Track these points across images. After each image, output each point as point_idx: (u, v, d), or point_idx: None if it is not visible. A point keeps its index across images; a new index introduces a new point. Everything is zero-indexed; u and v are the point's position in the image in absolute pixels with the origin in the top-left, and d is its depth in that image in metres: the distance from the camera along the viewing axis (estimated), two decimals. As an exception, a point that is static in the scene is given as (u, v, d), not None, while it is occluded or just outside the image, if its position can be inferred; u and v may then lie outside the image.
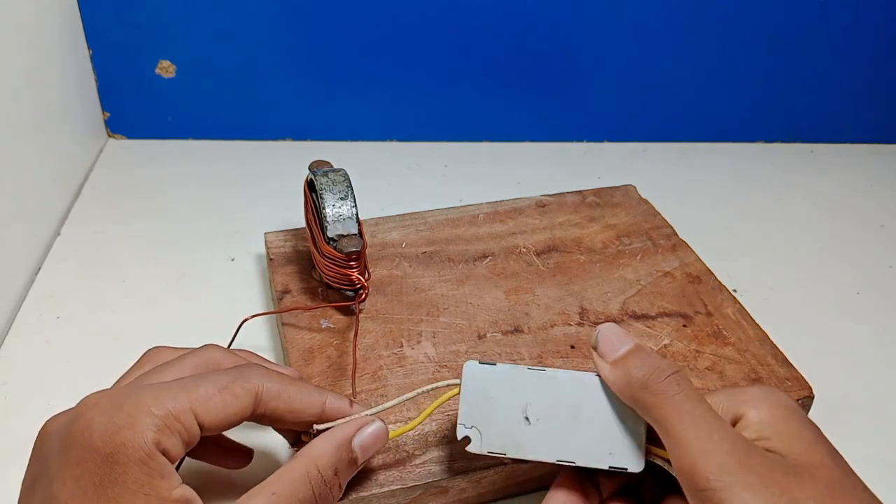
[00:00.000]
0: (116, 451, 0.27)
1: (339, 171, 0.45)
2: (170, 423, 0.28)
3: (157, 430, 0.28)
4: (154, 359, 0.34)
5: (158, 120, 0.65)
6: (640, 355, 0.31)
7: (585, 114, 0.68)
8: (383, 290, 0.47)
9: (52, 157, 0.56)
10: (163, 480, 0.27)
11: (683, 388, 0.30)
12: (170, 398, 0.29)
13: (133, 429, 0.27)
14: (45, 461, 0.28)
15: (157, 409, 0.28)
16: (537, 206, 0.55)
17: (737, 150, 0.70)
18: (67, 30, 0.59)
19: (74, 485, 0.27)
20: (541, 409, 0.32)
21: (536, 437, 0.32)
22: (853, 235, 0.60)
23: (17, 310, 0.48)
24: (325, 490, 0.30)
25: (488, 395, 0.32)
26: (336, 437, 0.32)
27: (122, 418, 0.27)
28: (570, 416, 0.32)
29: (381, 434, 0.33)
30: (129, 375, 0.33)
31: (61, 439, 0.28)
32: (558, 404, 0.32)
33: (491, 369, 0.32)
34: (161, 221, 0.57)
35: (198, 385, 0.30)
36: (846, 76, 0.67)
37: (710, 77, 0.66)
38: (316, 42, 0.63)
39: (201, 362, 0.33)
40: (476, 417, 0.32)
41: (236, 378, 0.31)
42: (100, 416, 0.28)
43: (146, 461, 0.27)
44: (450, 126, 0.68)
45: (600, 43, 0.64)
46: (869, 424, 0.44)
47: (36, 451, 0.30)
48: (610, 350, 0.32)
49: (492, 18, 0.62)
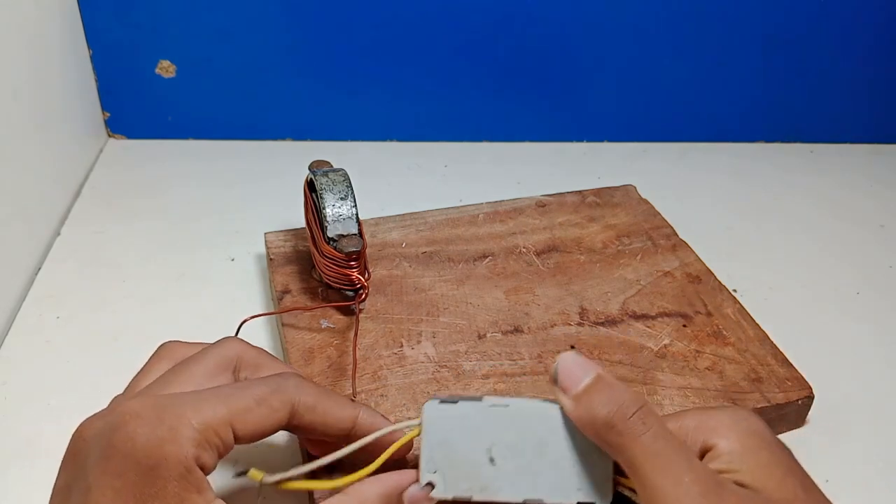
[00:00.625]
0: (158, 465, 0.27)
1: (339, 171, 0.45)
2: (209, 436, 0.28)
3: (197, 445, 0.28)
4: (169, 355, 0.33)
5: (158, 120, 0.65)
6: (602, 389, 0.30)
7: (585, 114, 0.68)
8: (383, 290, 0.47)
9: (52, 157, 0.56)
10: (199, 495, 0.28)
11: (650, 425, 0.29)
12: (210, 410, 0.29)
13: (175, 442, 0.27)
14: (82, 468, 0.28)
15: (197, 422, 0.28)
16: (537, 206, 0.55)
17: (737, 150, 0.70)
18: (67, 30, 0.59)
19: (114, 495, 0.27)
20: (505, 447, 0.31)
21: (502, 477, 0.31)
22: (853, 235, 0.60)
23: (17, 310, 0.48)
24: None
25: (451, 436, 0.31)
26: (388, 483, 0.31)
27: (165, 431, 0.28)
28: (535, 453, 0.31)
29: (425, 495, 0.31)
30: (146, 373, 0.33)
31: (101, 448, 0.28)
32: (523, 441, 0.31)
33: (452, 409, 0.31)
34: (161, 221, 0.57)
35: (236, 396, 0.30)
36: (846, 76, 0.67)
37: (710, 77, 0.66)
38: (316, 42, 0.63)
39: (224, 359, 0.33)
40: (439, 460, 0.31)
41: (275, 390, 0.31)
42: (143, 428, 0.28)
43: (185, 475, 0.27)
44: (450, 126, 0.68)
45: (600, 43, 0.64)
46: (869, 424, 0.44)
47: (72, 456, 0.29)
48: (571, 383, 0.30)
49: (492, 18, 0.62)
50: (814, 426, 0.43)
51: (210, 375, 0.32)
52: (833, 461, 0.41)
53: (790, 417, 0.42)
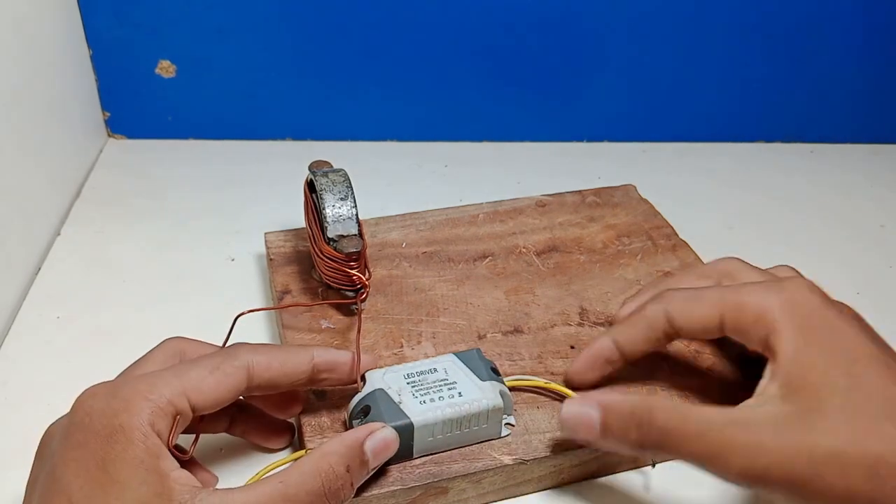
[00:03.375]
0: (115, 432, 0.28)
1: (339, 171, 0.45)
2: (163, 405, 0.29)
3: (152, 413, 0.29)
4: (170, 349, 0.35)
5: (158, 120, 0.65)
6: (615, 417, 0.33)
7: (585, 114, 0.68)
8: (383, 290, 0.47)
9: (52, 156, 0.56)
10: (158, 460, 0.28)
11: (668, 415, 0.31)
12: (162, 383, 0.30)
13: (129, 411, 0.29)
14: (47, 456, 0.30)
15: (151, 394, 0.29)
16: (537, 206, 0.55)
17: (737, 150, 0.70)
18: (67, 30, 0.59)
19: (76, 465, 0.28)
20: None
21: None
22: (853, 235, 0.60)
23: (17, 310, 0.48)
24: (335, 485, 0.31)
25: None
26: (348, 438, 0.33)
27: (119, 403, 0.29)
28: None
29: (391, 439, 0.34)
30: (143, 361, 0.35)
31: (62, 431, 0.29)
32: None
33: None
34: (161, 221, 0.57)
35: (188, 368, 0.31)
36: (846, 76, 0.67)
37: (710, 77, 0.66)
38: (316, 42, 0.63)
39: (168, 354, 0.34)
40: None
41: (226, 358, 0.33)
42: (98, 402, 0.29)
43: (143, 440, 0.28)
44: (450, 126, 0.68)
45: (600, 43, 0.64)
46: (869, 424, 0.43)
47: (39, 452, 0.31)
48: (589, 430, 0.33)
49: (492, 18, 0.62)
50: (814, 426, 0.43)
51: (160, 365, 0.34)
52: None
53: (790, 417, 0.42)
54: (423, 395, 0.36)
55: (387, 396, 0.36)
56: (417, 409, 0.36)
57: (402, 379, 0.37)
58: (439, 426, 0.36)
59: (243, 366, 0.32)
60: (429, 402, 0.36)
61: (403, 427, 0.35)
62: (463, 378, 0.37)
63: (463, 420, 0.36)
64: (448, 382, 0.37)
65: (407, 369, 0.38)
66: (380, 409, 0.36)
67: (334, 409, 0.39)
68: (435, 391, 0.37)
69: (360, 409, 0.36)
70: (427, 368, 0.38)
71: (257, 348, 0.34)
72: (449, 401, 0.36)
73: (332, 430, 0.38)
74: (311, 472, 0.30)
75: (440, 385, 0.37)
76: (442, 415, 0.36)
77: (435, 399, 0.36)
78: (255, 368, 0.33)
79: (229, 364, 0.32)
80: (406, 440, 0.36)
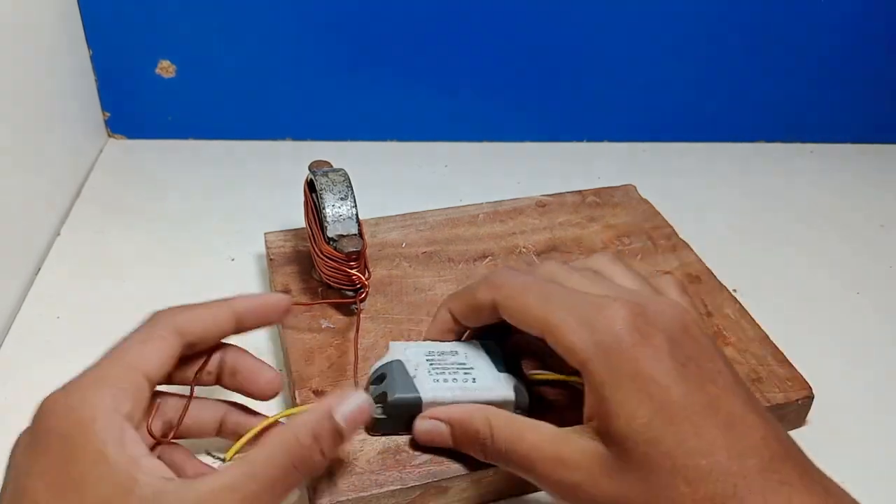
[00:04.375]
0: (73, 430, 0.28)
1: (339, 171, 0.45)
2: (118, 384, 0.30)
3: (112, 397, 0.29)
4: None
5: (158, 120, 0.65)
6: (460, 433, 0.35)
7: (585, 114, 0.68)
8: (383, 290, 0.47)
9: (52, 157, 0.56)
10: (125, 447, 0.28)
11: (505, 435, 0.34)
12: (108, 368, 0.31)
13: (84, 403, 0.29)
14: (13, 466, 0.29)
15: (100, 381, 0.30)
16: (537, 206, 0.55)
17: (737, 150, 0.70)
18: (67, 30, 0.59)
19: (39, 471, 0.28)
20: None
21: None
22: (853, 235, 0.60)
23: (17, 310, 0.48)
24: (303, 453, 0.30)
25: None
26: (315, 406, 0.32)
27: (75, 400, 0.29)
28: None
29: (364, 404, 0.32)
30: None
31: (26, 439, 0.29)
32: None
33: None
34: (161, 221, 0.57)
35: (124, 348, 0.32)
36: (846, 76, 0.67)
37: (710, 77, 0.66)
38: (316, 42, 0.63)
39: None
40: None
41: (151, 325, 0.33)
42: (55, 405, 0.29)
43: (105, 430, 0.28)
44: (450, 126, 0.68)
45: (600, 43, 0.64)
46: (869, 424, 0.44)
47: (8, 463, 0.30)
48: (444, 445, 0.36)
49: (492, 18, 0.62)
50: (814, 426, 0.43)
51: None
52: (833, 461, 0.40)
53: (790, 417, 0.42)
54: (439, 374, 0.37)
55: (403, 368, 0.37)
56: (429, 385, 0.36)
57: (423, 355, 0.38)
58: None
59: (169, 325, 0.33)
60: (442, 382, 0.36)
61: (412, 400, 0.36)
62: (481, 366, 0.38)
63: None
64: (465, 367, 0.37)
65: (429, 347, 0.39)
66: (394, 377, 0.36)
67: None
68: (451, 373, 0.37)
69: (377, 377, 0.37)
70: (449, 350, 0.38)
71: (176, 308, 0.34)
72: (462, 384, 0.36)
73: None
74: (276, 445, 0.30)
75: (457, 368, 0.37)
76: (451, 396, 0.36)
77: (448, 380, 0.37)
78: (183, 326, 0.33)
79: (156, 330, 0.33)
80: (412, 414, 0.36)
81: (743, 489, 0.27)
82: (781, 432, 0.29)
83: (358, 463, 0.36)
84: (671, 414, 0.29)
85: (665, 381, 0.29)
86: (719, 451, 0.28)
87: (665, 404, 0.29)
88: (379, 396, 0.36)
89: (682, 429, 0.28)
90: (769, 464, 0.28)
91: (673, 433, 0.28)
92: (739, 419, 0.29)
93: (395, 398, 0.36)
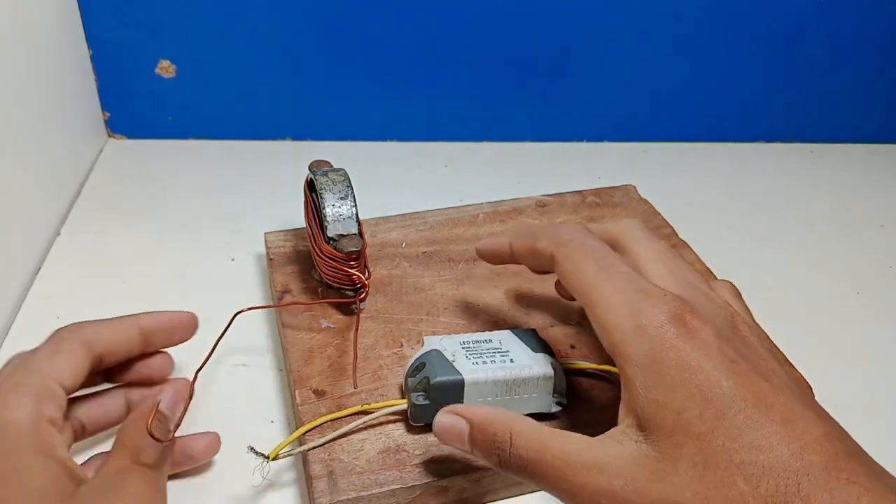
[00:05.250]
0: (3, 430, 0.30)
1: (339, 171, 0.45)
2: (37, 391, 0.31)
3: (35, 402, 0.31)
4: None
5: (158, 120, 0.65)
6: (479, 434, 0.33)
7: (585, 114, 0.68)
8: (383, 289, 0.47)
9: (51, 157, 0.56)
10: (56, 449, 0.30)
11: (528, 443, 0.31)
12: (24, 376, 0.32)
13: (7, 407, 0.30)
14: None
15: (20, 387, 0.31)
16: (537, 206, 0.55)
17: (737, 150, 0.70)
18: (67, 30, 0.59)
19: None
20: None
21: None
22: (853, 235, 0.60)
23: (17, 310, 0.48)
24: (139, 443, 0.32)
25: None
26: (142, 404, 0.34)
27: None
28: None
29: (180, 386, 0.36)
30: None
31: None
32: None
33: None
34: (161, 221, 0.57)
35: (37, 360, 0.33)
36: (846, 76, 0.67)
37: (710, 77, 0.66)
38: (315, 42, 0.63)
39: None
40: None
41: (58, 339, 0.34)
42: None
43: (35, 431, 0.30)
44: (450, 126, 0.68)
45: (600, 43, 0.64)
46: (869, 424, 0.43)
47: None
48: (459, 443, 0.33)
49: (492, 18, 0.62)
50: (814, 426, 0.43)
51: None
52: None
53: (790, 417, 0.42)
54: (477, 357, 0.38)
55: (441, 355, 0.38)
56: (469, 367, 0.37)
57: (458, 344, 0.39)
58: (489, 386, 0.37)
59: (78, 339, 0.34)
60: (481, 364, 0.38)
61: (454, 382, 0.37)
62: (516, 349, 0.39)
63: (512, 384, 0.37)
64: (501, 351, 0.39)
65: (463, 337, 0.40)
66: (433, 364, 0.37)
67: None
68: (488, 356, 0.38)
69: (416, 367, 0.38)
70: (483, 339, 0.40)
71: (82, 323, 0.36)
72: (501, 364, 0.38)
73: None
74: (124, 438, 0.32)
75: (493, 352, 0.38)
76: (493, 375, 0.37)
77: (487, 362, 0.38)
78: (90, 338, 0.34)
79: (65, 343, 0.34)
80: (456, 397, 0.37)
81: (807, 486, 0.25)
82: (843, 431, 0.28)
83: (358, 462, 0.36)
84: (723, 407, 0.27)
85: (714, 373, 0.27)
86: (779, 447, 0.26)
87: (716, 397, 0.27)
88: (420, 383, 0.37)
89: (737, 422, 0.26)
90: (833, 461, 0.25)
91: (727, 427, 0.26)
92: (798, 415, 0.27)
93: (437, 380, 0.36)
